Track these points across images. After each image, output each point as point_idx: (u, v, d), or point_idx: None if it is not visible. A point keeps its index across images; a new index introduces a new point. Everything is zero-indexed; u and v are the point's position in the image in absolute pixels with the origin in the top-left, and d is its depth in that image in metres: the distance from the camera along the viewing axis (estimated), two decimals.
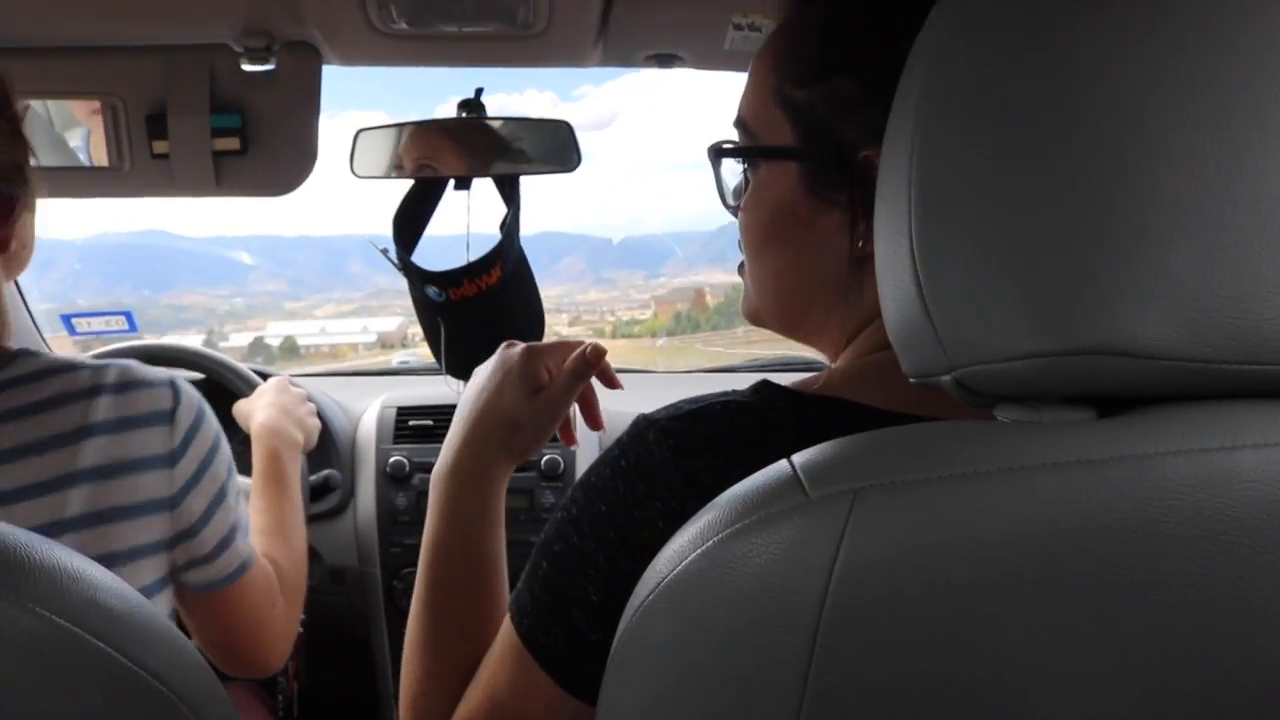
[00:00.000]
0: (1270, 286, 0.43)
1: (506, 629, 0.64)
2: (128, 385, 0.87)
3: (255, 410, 1.33)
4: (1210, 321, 0.43)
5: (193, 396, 0.92)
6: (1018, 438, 0.45)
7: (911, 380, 0.51)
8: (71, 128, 1.26)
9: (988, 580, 0.42)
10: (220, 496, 0.93)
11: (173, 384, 0.91)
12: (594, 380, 0.85)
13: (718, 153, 0.72)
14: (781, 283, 0.70)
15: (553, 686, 0.61)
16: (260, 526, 1.17)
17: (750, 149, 0.70)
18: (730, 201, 0.73)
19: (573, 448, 1.24)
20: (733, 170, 0.72)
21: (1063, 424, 0.46)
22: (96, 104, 1.24)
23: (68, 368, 0.87)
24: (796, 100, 0.65)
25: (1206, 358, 0.43)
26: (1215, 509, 0.42)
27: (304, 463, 1.35)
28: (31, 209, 0.93)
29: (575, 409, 0.86)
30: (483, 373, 0.83)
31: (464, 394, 0.84)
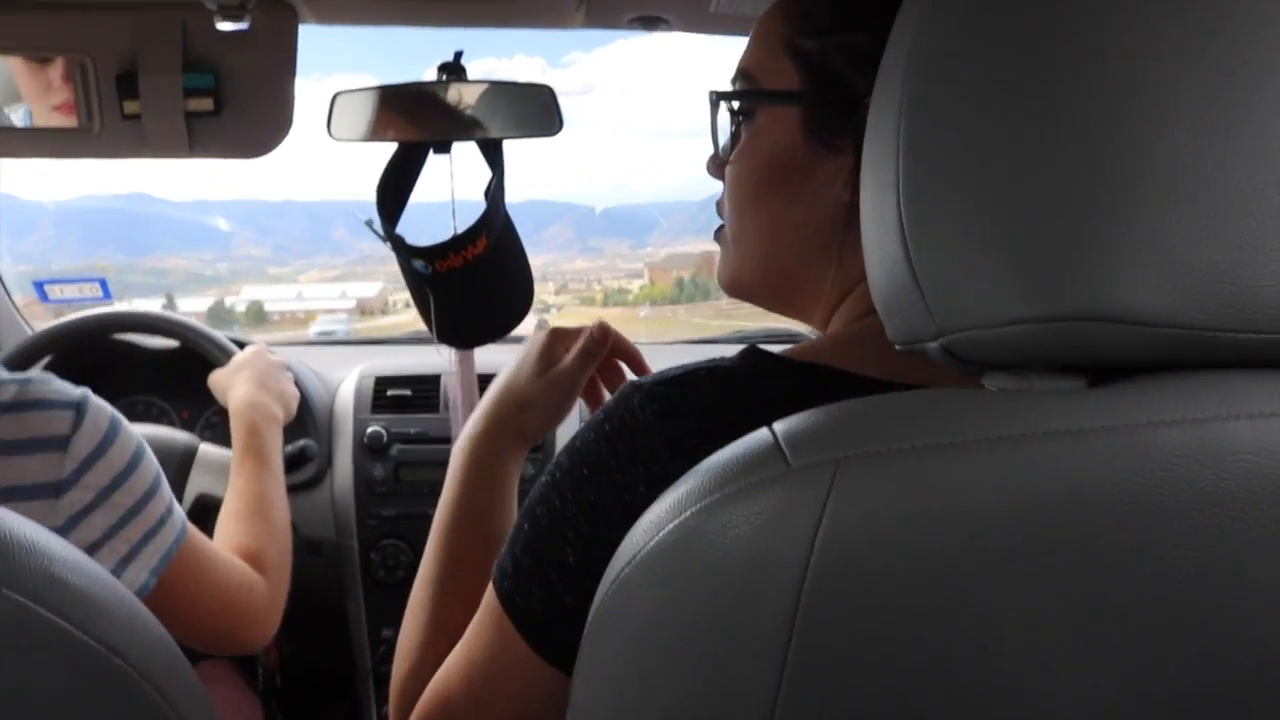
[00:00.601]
0: (1267, 253, 0.42)
1: (488, 592, 0.64)
2: (20, 406, 0.82)
3: (234, 384, 1.32)
4: (1205, 288, 0.42)
5: (99, 421, 0.86)
6: (1006, 406, 0.44)
7: (898, 347, 0.50)
8: (12, 103, 1.22)
9: (974, 552, 0.41)
10: (130, 514, 0.88)
11: (78, 406, 0.84)
12: (623, 365, 0.88)
13: (720, 96, 0.71)
14: (771, 237, 0.69)
15: (526, 651, 0.60)
16: (240, 505, 1.15)
17: (756, 91, 0.69)
18: (721, 156, 0.72)
19: None
20: (725, 125, 0.71)
21: (1053, 393, 0.45)
22: (49, 79, 1.20)
23: None
24: (807, 49, 0.65)
25: (1201, 325, 0.42)
26: (1209, 481, 0.41)
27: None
28: None
29: (607, 395, 0.88)
30: (518, 352, 0.86)
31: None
